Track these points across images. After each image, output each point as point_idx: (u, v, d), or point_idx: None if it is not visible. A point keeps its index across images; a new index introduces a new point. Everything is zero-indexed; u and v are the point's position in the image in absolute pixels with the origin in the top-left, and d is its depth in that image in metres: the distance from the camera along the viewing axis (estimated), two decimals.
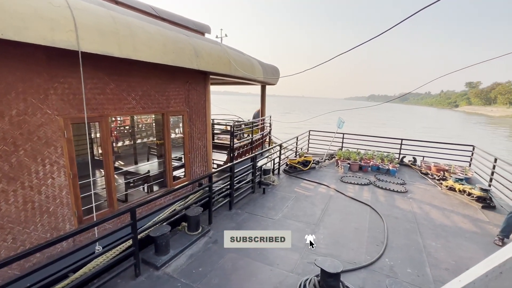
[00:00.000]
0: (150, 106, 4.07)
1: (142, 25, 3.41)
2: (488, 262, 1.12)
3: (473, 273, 1.11)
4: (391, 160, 8.20)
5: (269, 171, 6.68)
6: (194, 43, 4.29)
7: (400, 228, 4.43)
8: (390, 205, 5.39)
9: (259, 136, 8.23)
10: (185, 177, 4.96)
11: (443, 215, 5.01)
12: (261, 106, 9.23)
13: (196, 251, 3.69)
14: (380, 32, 3.91)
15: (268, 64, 7.80)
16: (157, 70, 4.09)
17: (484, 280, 1.06)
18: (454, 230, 4.44)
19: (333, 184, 6.60)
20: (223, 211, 4.99)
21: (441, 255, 3.71)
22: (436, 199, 5.78)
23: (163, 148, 4.55)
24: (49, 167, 2.88)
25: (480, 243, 4.06)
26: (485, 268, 1.10)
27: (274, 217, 4.78)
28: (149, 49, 3.39)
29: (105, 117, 3.43)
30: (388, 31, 3.17)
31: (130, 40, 3.14)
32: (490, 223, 4.73)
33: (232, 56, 5.29)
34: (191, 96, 4.85)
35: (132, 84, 3.73)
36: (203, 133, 5.29)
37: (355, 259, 3.54)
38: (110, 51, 2.92)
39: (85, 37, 2.66)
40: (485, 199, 5.48)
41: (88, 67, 3.11)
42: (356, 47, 3.70)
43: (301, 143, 9.65)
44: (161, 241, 3.40)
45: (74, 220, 3.18)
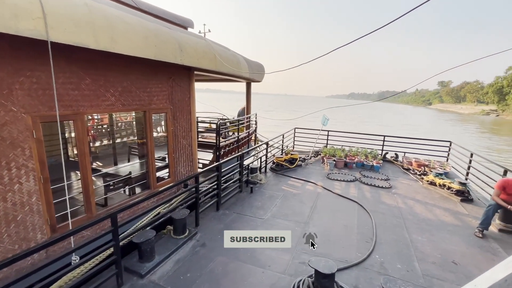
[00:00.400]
0: (131, 103, 3.80)
1: (120, 15, 3.15)
2: (507, 265, 1.05)
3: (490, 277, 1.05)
4: (375, 156, 8.39)
5: (256, 169, 6.58)
6: (178, 37, 4.06)
7: (387, 223, 4.49)
8: (376, 201, 5.47)
9: (245, 134, 8.09)
10: (170, 178, 4.73)
11: (426, 209, 5.16)
12: (247, 104, 9.08)
13: (183, 256, 3.51)
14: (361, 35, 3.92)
15: (253, 61, 7.66)
16: (138, 65, 3.83)
17: (503, 285, 1.00)
18: (437, 223, 4.58)
19: (320, 181, 6.62)
20: (210, 212, 4.82)
21: (427, 249, 3.79)
22: (418, 194, 5.95)
23: (146, 148, 4.30)
24: (16, 171, 2.58)
25: (462, 236, 4.20)
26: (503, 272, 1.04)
27: (263, 217, 4.68)
28: (129, 41, 3.14)
29: (81, 115, 3.14)
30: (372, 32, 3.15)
31: (107, 31, 2.88)
32: (469, 216, 4.93)
33: (217, 51, 5.10)
34: (174, 92, 4.62)
35: (110, 79, 3.45)
36: (188, 132, 5.06)
37: (347, 257, 3.53)
38: (85, 43, 2.65)
39: (55, 25, 2.39)
40: (464, 192, 5.72)
41: (60, 60, 2.82)
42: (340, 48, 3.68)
43: (287, 141, 9.63)
44: (146, 247, 3.19)
45: (46, 228, 2.89)
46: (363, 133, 9.60)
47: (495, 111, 67.84)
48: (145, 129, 4.20)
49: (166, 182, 4.63)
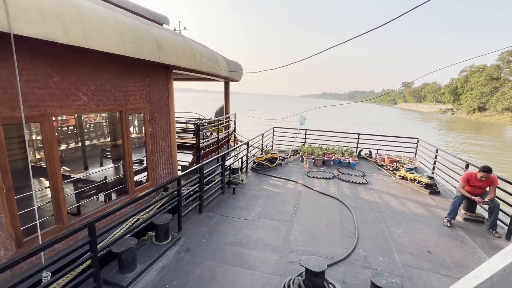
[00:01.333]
0: (106, 103, 3.54)
1: (92, 7, 2.90)
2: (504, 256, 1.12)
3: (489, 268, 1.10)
4: (351, 154, 8.73)
5: (237, 170, 6.51)
6: (155, 34, 3.86)
7: (367, 218, 4.68)
8: (355, 196, 5.69)
9: (225, 134, 7.97)
10: (149, 182, 4.49)
11: (400, 203, 5.47)
12: (225, 103, 8.95)
13: (168, 263, 3.35)
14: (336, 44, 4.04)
15: (231, 60, 7.57)
16: (112, 62, 3.57)
17: (502, 275, 1.05)
18: (411, 216, 4.87)
19: (300, 179, 6.73)
20: (192, 215, 4.67)
21: (404, 240, 4.02)
22: (392, 188, 6.30)
23: (122, 151, 4.03)
24: None
25: (433, 226, 4.52)
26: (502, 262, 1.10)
27: (248, 217, 4.64)
28: (103, 36, 2.91)
29: (48, 116, 2.84)
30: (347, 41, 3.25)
31: (79, 24, 2.64)
32: (438, 207, 5.32)
33: (197, 49, 4.94)
34: (152, 92, 4.39)
35: (82, 78, 3.17)
36: (166, 133, 4.85)
37: (332, 253, 3.61)
38: (53, 36, 2.40)
39: (18, 16, 2.13)
40: (432, 185, 6.17)
41: (24, 55, 2.53)
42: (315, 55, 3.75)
43: (265, 140, 9.68)
44: (126, 256, 2.99)
45: (11, 244, 2.57)
46: (339, 132, 9.96)
47: (451, 110, 74.36)
48: (121, 130, 3.94)
49: (145, 186, 4.39)
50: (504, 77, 59.06)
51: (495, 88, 56.87)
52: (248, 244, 3.80)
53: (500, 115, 51.38)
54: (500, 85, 56.58)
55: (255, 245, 3.78)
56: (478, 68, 64.17)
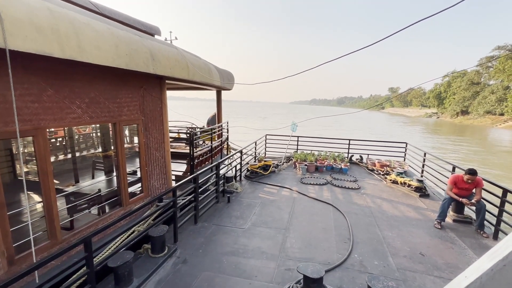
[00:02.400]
0: (100, 115, 3.52)
1: (87, 21, 2.93)
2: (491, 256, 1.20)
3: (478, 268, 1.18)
4: (342, 159, 8.89)
5: (231, 178, 6.52)
6: (149, 45, 3.90)
7: (361, 223, 4.77)
8: (348, 202, 5.79)
9: (218, 143, 7.99)
10: (143, 193, 4.44)
11: (392, 206, 5.60)
12: (218, 112, 9.00)
13: (165, 276, 3.31)
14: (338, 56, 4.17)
15: (223, 69, 7.66)
16: (106, 74, 3.58)
17: (490, 274, 1.14)
18: (403, 219, 4.99)
19: (294, 186, 6.80)
20: (188, 226, 4.63)
21: (397, 244, 4.11)
22: (384, 193, 6.44)
23: (115, 162, 3.99)
24: None
25: (424, 228, 4.64)
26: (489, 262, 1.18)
27: (243, 226, 4.64)
28: (98, 50, 2.93)
29: (42, 129, 2.81)
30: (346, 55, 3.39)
31: (74, 39, 2.65)
32: (428, 210, 5.48)
33: (189, 60, 5.00)
34: (146, 102, 4.40)
35: (75, 90, 3.17)
36: (160, 143, 4.84)
37: (329, 259, 3.65)
38: (49, 51, 2.41)
39: (14, 32, 2.14)
40: (421, 188, 6.35)
41: (17, 69, 2.52)
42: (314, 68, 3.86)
43: (258, 148, 9.74)
44: (123, 270, 2.94)
45: (2, 262, 2.50)
46: (330, 138, 10.14)
47: (436, 114, 76.84)
48: (115, 141, 3.91)
49: (139, 198, 4.35)
50: (484, 81, 61.78)
51: (476, 93, 59.36)
52: (245, 253, 3.81)
53: (482, 118, 53.50)
54: (481, 89, 59.14)
55: (252, 253, 3.79)
56: (459, 74, 66.92)
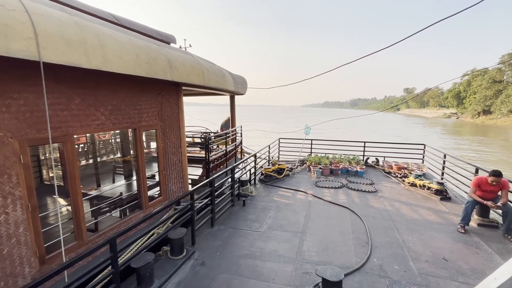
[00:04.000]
0: (121, 122, 3.69)
1: (111, 33, 3.10)
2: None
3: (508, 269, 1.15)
4: (358, 162, 8.74)
5: (246, 182, 6.56)
6: (167, 54, 4.05)
7: (379, 226, 4.67)
8: (365, 205, 5.68)
9: (232, 147, 8.09)
10: (161, 196, 4.58)
11: (411, 210, 5.44)
12: (231, 116, 9.13)
13: (184, 277, 3.38)
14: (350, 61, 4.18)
15: (237, 74, 7.79)
16: (127, 82, 3.75)
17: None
18: (423, 223, 4.84)
19: (309, 189, 6.75)
20: (205, 228, 4.71)
21: (418, 248, 3.99)
22: (402, 196, 6.27)
23: (135, 166, 4.15)
24: (2, 200, 2.38)
25: (446, 232, 4.48)
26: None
27: (259, 229, 4.66)
28: (120, 60, 3.09)
29: (70, 136, 2.99)
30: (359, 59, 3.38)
31: (99, 50, 2.82)
32: (450, 213, 5.28)
33: (205, 66, 5.14)
34: (164, 108, 4.55)
35: (100, 98, 3.34)
36: (177, 148, 4.98)
37: (347, 262, 3.60)
38: (77, 62, 2.57)
39: (47, 46, 2.30)
40: (442, 191, 6.13)
41: (49, 80, 2.70)
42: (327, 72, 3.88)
43: (272, 151, 9.76)
44: (145, 271, 3.03)
45: (34, 261, 2.66)
46: (345, 140, 10.00)
47: (455, 114, 73.92)
48: (135, 147, 4.07)
49: (158, 201, 4.48)
50: (507, 79, 58.91)
51: (499, 91, 56.62)
52: (262, 256, 3.82)
53: (506, 117, 50.92)
54: (504, 87, 56.36)
55: (269, 257, 3.79)
56: (480, 72, 64.21)
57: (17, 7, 2.16)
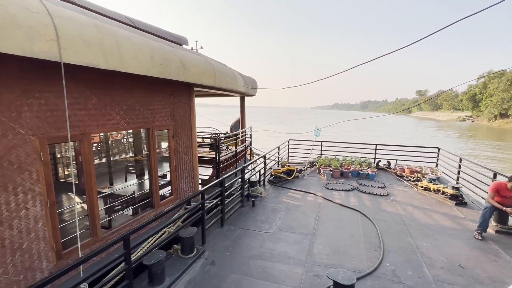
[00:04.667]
0: (135, 121, 3.76)
1: (127, 35, 3.17)
2: None
3: None
4: (369, 165, 8.60)
5: (256, 183, 6.56)
6: (180, 55, 4.11)
7: (391, 231, 4.57)
8: (377, 208, 5.58)
9: (242, 148, 8.11)
10: (172, 196, 4.63)
11: (425, 214, 5.30)
12: (241, 118, 9.15)
13: (194, 276, 3.40)
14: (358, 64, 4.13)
15: (247, 76, 7.82)
16: (141, 83, 3.83)
17: None
18: (437, 228, 4.71)
19: (319, 191, 6.68)
20: (214, 228, 4.73)
21: (433, 254, 3.88)
22: (415, 200, 6.13)
23: (147, 166, 4.22)
24: (23, 196, 2.47)
25: (463, 239, 4.34)
26: None
27: (269, 230, 4.65)
28: (136, 61, 3.15)
29: (87, 135, 3.07)
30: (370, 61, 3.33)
31: (116, 51, 2.89)
32: (466, 219, 5.11)
33: (216, 68, 5.18)
34: (176, 109, 4.62)
35: (115, 98, 3.42)
36: (189, 148, 5.03)
37: (358, 266, 3.54)
38: (95, 63, 2.64)
39: (68, 47, 2.38)
40: (457, 196, 5.95)
41: (68, 80, 2.78)
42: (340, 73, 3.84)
43: (281, 153, 9.72)
44: (156, 269, 3.08)
45: (52, 255, 2.74)
46: (355, 143, 9.86)
47: (470, 117, 71.72)
48: (148, 146, 4.14)
49: (169, 200, 4.53)
50: None
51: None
52: (272, 257, 3.80)
53: None
54: None
55: (279, 258, 3.78)
56: (497, 74, 62.09)
57: (40, 9, 2.24)
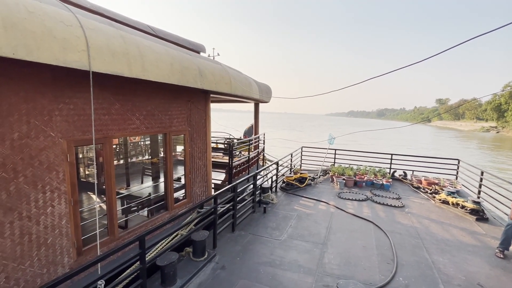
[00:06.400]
0: (154, 126, 3.93)
1: (150, 44, 3.35)
2: None
3: None
4: (384, 174, 8.40)
5: (267, 189, 6.58)
6: (198, 63, 4.27)
7: (405, 244, 4.45)
8: (391, 220, 5.44)
9: (255, 153, 8.18)
10: (186, 199, 4.75)
11: (442, 229, 5.11)
12: (255, 124, 9.25)
13: (205, 279, 3.46)
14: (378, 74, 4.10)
15: (262, 83, 7.93)
16: (161, 90, 4.01)
17: None
18: (456, 244, 4.53)
19: (331, 200, 6.61)
20: (225, 233, 4.79)
21: (450, 271, 3.74)
22: (432, 213, 5.92)
23: (163, 169, 4.36)
24: (50, 194, 2.64)
25: (483, 257, 4.15)
26: None
27: (280, 238, 4.65)
28: (157, 69, 3.32)
29: (109, 138, 3.25)
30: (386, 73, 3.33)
31: (139, 60, 3.06)
32: (487, 235, 4.88)
33: (232, 75, 5.32)
34: (192, 115, 4.77)
35: (136, 104, 3.61)
36: (203, 152, 5.16)
37: (370, 279, 3.47)
38: (120, 71, 2.82)
39: (96, 57, 2.56)
40: (478, 211, 5.69)
41: (94, 87, 2.98)
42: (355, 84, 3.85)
43: (294, 160, 9.70)
44: (169, 270, 3.17)
45: (73, 251, 2.89)
46: (370, 152, 9.68)
47: (495, 128, 68.29)
48: (164, 150, 4.30)
49: (183, 203, 4.65)
50: None
51: None
52: (282, 265, 3.80)
53: None
54: None
55: (289, 266, 3.77)
56: None
57: (73, 23, 2.44)
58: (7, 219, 2.33)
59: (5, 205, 2.31)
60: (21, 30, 2.02)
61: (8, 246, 2.34)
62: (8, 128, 2.31)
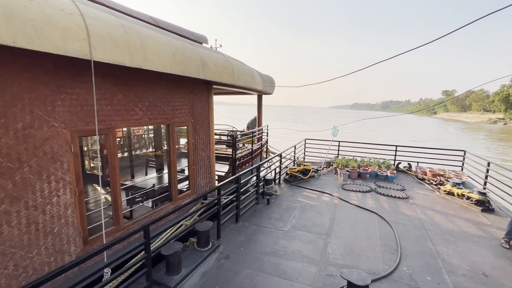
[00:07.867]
0: (156, 117, 3.92)
1: (151, 34, 3.31)
2: None
3: None
4: (388, 166, 8.35)
5: (271, 181, 6.59)
6: (200, 53, 4.22)
7: (410, 234, 4.43)
8: (395, 211, 5.42)
9: (258, 146, 8.16)
10: (190, 190, 4.77)
11: (447, 219, 5.08)
12: (258, 116, 9.21)
13: (209, 269, 3.50)
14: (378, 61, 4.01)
15: (265, 74, 7.84)
16: (163, 80, 3.97)
17: None
18: (461, 234, 4.50)
19: (335, 192, 6.59)
20: (229, 224, 4.82)
21: (454, 260, 3.72)
22: (437, 204, 5.88)
23: (166, 160, 4.37)
24: (55, 184, 2.66)
25: (488, 247, 4.12)
26: None
27: (283, 229, 4.67)
28: (158, 58, 3.28)
29: (112, 129, 3.25)
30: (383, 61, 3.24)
31: (141, 50, 3.03)
32: (493, 226, 4.84)
33: (235, 66, 5.25)
34: (195, 106, 4.74)
35: (139, 95, 3.59)
36: (206, 144, 5.16)
37: (374, 268, 3.48)
38: (122, 61, 2.79)
39: (97, 46, 2.53)
40: (484, 202, 5.64)
41: (96, 77, 2.95)
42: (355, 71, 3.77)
43: (297, 152, 9.67)
44: (173, 259, 3.21)
45: (79, 241, 2.93)
46: (375, 143, 9.59)
47: (502, 120, 67.16)
48: (168, 142, 4.30)
49: (187, 194, 4.68)
50: None
51: None
52: (286, 255, 3.83)
53: None
54: None
55: (292, 256, 3.79)
56: None
57: (73, 11, 2.40)
58: (14, 208, 2.36)
59: (12, 194, 2.34)
60: (21, 18, 1.99)
61: (15, 235, 2.38)
62: (11, 118, 2.31)
